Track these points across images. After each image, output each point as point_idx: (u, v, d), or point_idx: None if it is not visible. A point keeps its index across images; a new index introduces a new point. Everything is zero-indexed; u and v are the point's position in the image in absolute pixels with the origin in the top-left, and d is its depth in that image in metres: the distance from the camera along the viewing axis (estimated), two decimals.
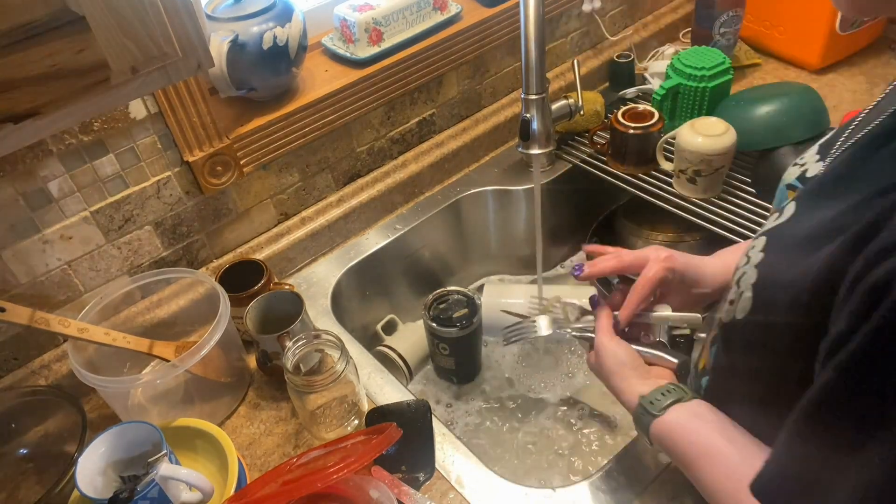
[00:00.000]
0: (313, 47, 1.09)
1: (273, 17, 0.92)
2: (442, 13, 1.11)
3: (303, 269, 1.10)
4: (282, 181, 1.05)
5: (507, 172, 1.23)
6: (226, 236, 1.03)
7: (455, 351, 1.03)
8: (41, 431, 0.87)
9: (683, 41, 1.47)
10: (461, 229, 1.23)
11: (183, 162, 0.92)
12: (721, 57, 1.15)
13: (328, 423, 0.86)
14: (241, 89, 0.94)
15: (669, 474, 0.77)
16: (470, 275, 1.29)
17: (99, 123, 0.82)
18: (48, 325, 0.77)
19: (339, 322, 1.02)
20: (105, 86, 0.49)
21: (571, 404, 1.05)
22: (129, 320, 0.93)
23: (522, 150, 1.08)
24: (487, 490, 0.78)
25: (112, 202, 0.89)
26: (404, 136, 1.17)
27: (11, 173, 0.79)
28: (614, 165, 1.16)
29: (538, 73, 0.99)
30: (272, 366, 0.89)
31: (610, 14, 1.36)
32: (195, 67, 0.53)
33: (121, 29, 0.48)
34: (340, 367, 0.79)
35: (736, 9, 1.29)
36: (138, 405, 0.90)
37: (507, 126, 1.26)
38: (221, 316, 0.83)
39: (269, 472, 0.79)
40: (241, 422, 0.89)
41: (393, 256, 1.15)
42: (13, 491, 0.83)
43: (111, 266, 0.93)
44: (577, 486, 0.77)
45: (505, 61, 1.23)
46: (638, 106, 1.14)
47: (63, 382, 0.89)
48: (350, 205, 1.12)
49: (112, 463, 0.73)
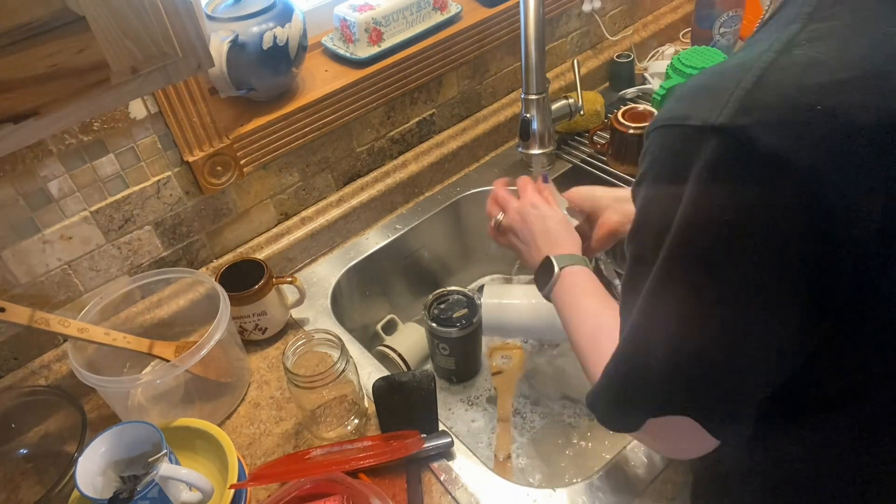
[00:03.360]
0: (313, 47, 1.09)
1: (273, 17, 0.92)
2: (442, 13, 1.11)
3: (303, 269, 1.10)
4: (282, 181, 1.05)
5: (507, 172, 1.23)
6: (226, 236, 1.03)
7: (455, 351, 1.03)
8: (41, 431, 0.87)
9: (683, 41, 1.47)
10: (461, 229, 1.23)
11: (183, 162, 0.92)
12: (721, 57, 1.15)
13: (328, 423, 0.86)
14: (241, 89, 0.94)
15: (669, 474, 0.77)
16: (470, 275, 1.29)
17: (99, 123, 0.82)
18: (48, 325, 0.77)
19: (339, 322, 1.02)
20: (105, 86, 0.49)
21: (571, 404, 1.05)
22: (129, 320, 0.93)
23: (522, 150, 1.08)
24: (487, 490, 0.78)
25: (112, 202, 0.89)
26: (404, 136, 1.17)
27: (11, 173, 0.79)
28: (614, 165, 1.16)
29: (538, 73, 0.99)
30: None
31: (610, 14, 1.36)
32: (195, 67, 0.53)
33: (121, 29, 0.48)
34: (340, 367, 0.79)
35: (736, 9, 1.29)
36: (138, 405, 0.90)
37: (507, 126, 1.26)
38: (221, 316, 0.83)
39: (289, 455, 0.81)
40: (241, 422, 0.89)
41: (393, 256, 1.15)
42: (13, 491, 0.83)
43: (111, 266, 0.93)
44: (577, 486, 0.77)
45: (505, 61, 1.23)
46: (638, 106, 1.14)
47: (63, 382, 0.89)
48: (350, 205, 1.12)
49: (112, 463, 0.73)
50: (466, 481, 0.79)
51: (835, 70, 0.41)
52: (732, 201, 0.42)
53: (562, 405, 1.05)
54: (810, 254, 0.41)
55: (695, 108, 0.44)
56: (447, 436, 0.82)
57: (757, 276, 0.43)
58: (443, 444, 0.81)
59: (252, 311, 0.94)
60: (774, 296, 0.43)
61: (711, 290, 0.45)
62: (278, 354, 0.97)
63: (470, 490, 0.78)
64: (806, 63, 0.42)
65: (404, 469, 0.80)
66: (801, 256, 0.41)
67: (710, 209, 0.43)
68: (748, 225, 0.42)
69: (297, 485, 0.75)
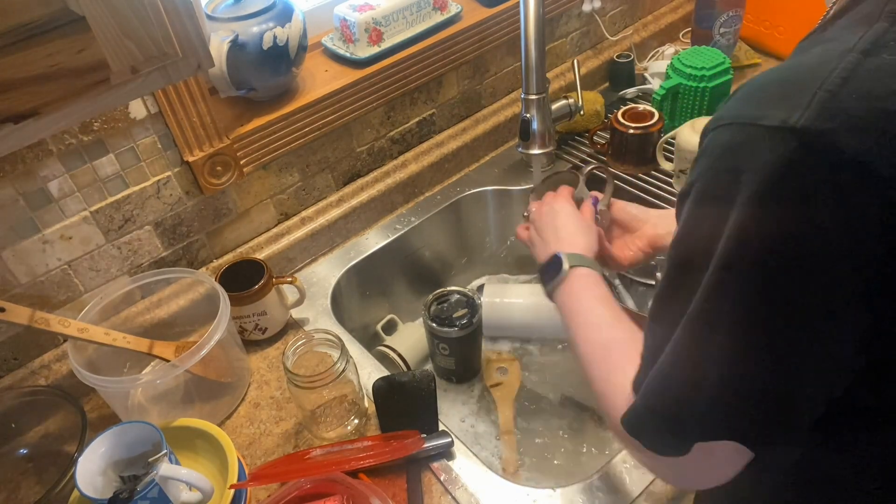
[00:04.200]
0: (313, 47, 1.09)
1: (273, 17, 0.92)
2: (442, 13, 1.11)
3: (303, 269, 1.10)
4: (282, 181, 1.05)
5: (507, 172, 1.23)
6: (226, 236, 1.03)
7: (455, 351, 1.03)
8: (41, 431, 0.87)
9: (683, 41, 1.47)
10: (461, 229, 1.23)
11: (183, 162, 0.92)
12: (721, 57, 1.15)
13: (328, 423, 0.86)
14: (241, 89, 0.94)
15: None
16: (470, 275, 1.29)
17: (99, 123, 0.82)
18: (48, 325, 0.77)
19: (339, 322, 1.02)
20: (105, 86, 0.49)
21: (571, 404, 1.05)
22: (129, 320, 0.93)
23: (522, 151, 1.08)
24: (487, 490, 0.78)
25: (112, 202, 0.89)
26: (404, 136, 1.17)
27: (11, 173, 0.79)
28: (614, 165, 1.16)
29: (538, 73, 0.99)
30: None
31: (610, 14, 1.36)
32: (195, 67, 0.53)
33: (121, 29, 0.48)
34: (340, 367, 0.79)
35: (736, 9, 1.29)
36: (138, 405, 0.90)
37: (507, 126, 1.26)
38: (221, 316, 0.83)
39: (289, 455, 0.81)
40: (241, 422, 0.89)
41: (393, 256, 1.15)
42: (13, 491, 0.83)
43: (111, 266, 0.93)
44: (577, 487, 0.77)
45: (505, 61, 1.23)
46: (638, 106, 1.14)
47: (63, 382, 0.89)
48: (350, 205, 1.12)
49: (112, 463, 0.73)
50: (466, 481, 0.79)
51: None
52: (804, 211, 0.39)
53: (562, 406, 1.05)
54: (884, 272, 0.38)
55: (769, 107, 0.41)
56: (447, 436, 0.82)
57: (824, 295, 0.40)
58: (443, 444, 0.81)
59: (252, 311, 0.94)
60: (840, 316, 0.40)
61: (772, 310, 0.41)
62: (278, 354, 0.97)
63: (470, 490, 0.78)
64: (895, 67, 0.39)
65: (404, 469, 0.80)
66: (874, 275, 0.39)
67: (776, 220, 0.40)
68: (818, 238, 0.39)
69: (296, 485, 0.75)
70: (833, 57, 0.41)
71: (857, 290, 0.39)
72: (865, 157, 0.37)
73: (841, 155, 0.38)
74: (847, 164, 0.38)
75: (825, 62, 0.41)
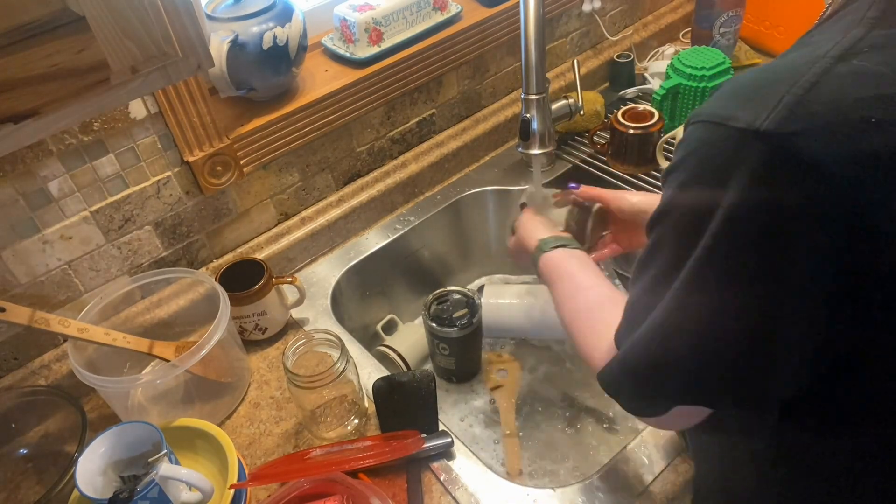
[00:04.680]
0: (313, 47, 1.09)
1: (273, 17, 0.92)
2: (442, 13, 1.11)
3: (303, 269, 1.10)
4: (282, 181, 1.05)
5: (507, 172, 1.23)
6: (226, 236, 1.03)
7: (455, 351, 1.03)
8: (41, 431, 0.87)
9: (683, 41, 1.47)
10: (461, 229, 1.23)
11: (183, 162, 0.92)
12: (721, 57, 1.15)
13: (328, 423, 0.86)
14: (241, 89, 0.94)
15: (669, 475, 0.77)
16: (470, 275, 1.29)
17: (99, 123, 0.82)
18: (48, 325, 0.77)
19: (339, 322, 1.02)
20: (105, 86, 0.49)
21: (570, 404, 1.05)
22: (129, 320, 0.93)
23: (522, 151, 1.08)
24: (488, 490, 0.78)
25: (112, 202, 0.89)
26: (404, 136, 1.17)
27: (11, 173, 0.79)
28: (614, 165, 1.16)
29: (538, 73, 0.99)
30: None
31: (610, 14, 1.36)
32: (195, 67, 0.53)
33: (121, 29, 0.48)
34: (340, 367, 0.79)
35: (736, 9, 1.29)
36: (138, 405, 0.90)
37: (507, 126, 1.26)
38: (221, 316, 0.83)
39: (289, 455, 0.81)
40: (241, 422, 0.89)
41: (393, 256, 1.15)
42: (13, 491, 0.83)
43: (111, 266, 0.93)
44: (577, 486, 0.77)
45: (505, 61, 1.23)
46: (638, 106, 1.14)
47: (63, 382, 0.89)
48: (350, 205, 1.12)
49: (112, 463, 0.73)
50: (466, 481, 0.79)
51: (895, 83, 0.40)
52: (775, 207, 0.41)
53: (562, 407, 1.05)
54: (849, 264, 0.40)
55: (741, 108, 0.43)
56: (447, 436, 0.82)
57: (795, 275, 0.42)
58: (443, 444, 0.81)
59: (252, 311, 0.94)
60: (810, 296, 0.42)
61: (749, 285, 0.44)
62: (278, 354, 0.97)
63: (470, 490, 0.78)
64: (864, 73, 0.41)
65: (404, 469, 0.80)
66: (840, 268, 0.40)
67: (747, 210, 0.42)
68: (788, 231, 0.41)
69: (296, 485, 0.75)
70: (806, 61, 0.43)
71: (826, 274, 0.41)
72: (825, 158, 0.39)
73: (803, 157, 0.39)
74: (808, 165, 0.39)
75: (798, 66, 0.43)
